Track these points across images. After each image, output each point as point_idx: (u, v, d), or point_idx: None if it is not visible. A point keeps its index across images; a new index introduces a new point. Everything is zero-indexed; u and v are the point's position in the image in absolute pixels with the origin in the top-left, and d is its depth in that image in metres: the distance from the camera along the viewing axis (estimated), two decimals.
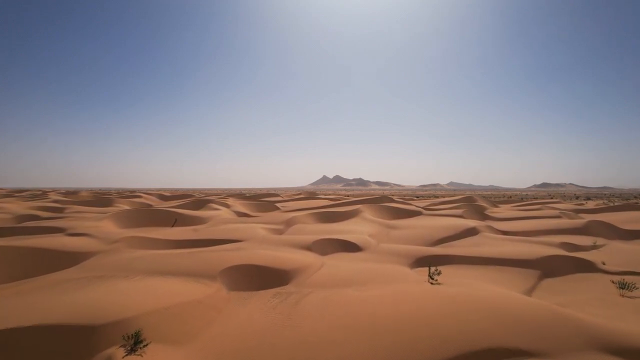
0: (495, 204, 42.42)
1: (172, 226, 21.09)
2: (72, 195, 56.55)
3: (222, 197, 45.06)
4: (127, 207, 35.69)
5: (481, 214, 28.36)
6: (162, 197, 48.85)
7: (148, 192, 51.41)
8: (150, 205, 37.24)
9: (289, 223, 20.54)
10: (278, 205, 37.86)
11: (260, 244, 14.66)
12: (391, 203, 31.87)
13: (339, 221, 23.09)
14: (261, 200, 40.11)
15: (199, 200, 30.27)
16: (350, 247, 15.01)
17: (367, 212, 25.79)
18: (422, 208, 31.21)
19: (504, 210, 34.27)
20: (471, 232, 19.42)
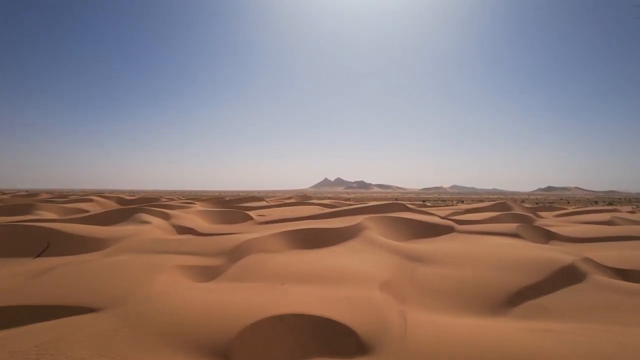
0: (535, 212, 33.42)
1: (36, 257, 12.35)
2: (25, 197, 48.09)
3: (189, 200, 36.42)
4: (53, 215, 27.16)
5: (538, 231, 19.38)
6: (122, 201, 40.13)
7: (105, 195, 42.69)
8: (87, 211, 28.55)
9: (237, 253, 11.71)
10: (255, 213, 29.11)
11: (112, 338, 5.84)
12: (407, 213, 22.92)
13: (328, 246, 14.29)
14: (234, 207, 31.32)
15: (130, 208, 21.49)
16: (339, 341, 6.18)
17: (374, 229, 16.94)
18: (450, 220, 22.34)
19: (557, 223, 25.30)
20: (572, 275, 10.48)
